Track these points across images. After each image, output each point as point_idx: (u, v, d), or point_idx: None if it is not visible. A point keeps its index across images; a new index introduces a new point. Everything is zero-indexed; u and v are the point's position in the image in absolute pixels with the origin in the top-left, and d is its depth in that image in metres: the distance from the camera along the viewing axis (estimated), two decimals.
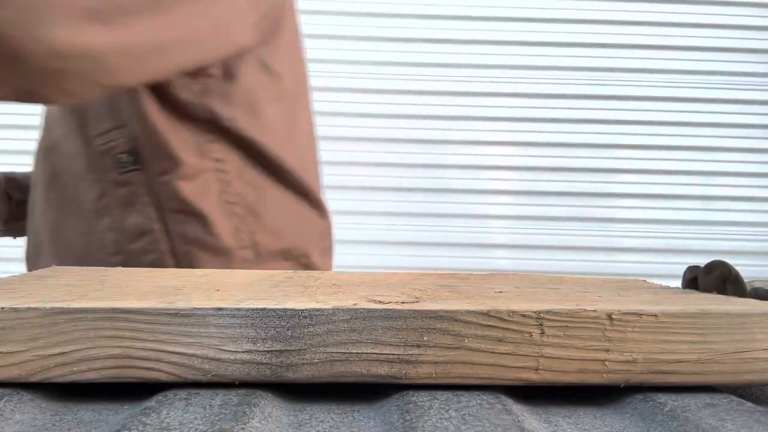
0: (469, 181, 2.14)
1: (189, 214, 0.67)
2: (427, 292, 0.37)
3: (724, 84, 2.15)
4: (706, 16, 2.15)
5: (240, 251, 0.69)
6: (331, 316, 0.30)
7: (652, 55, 2.15)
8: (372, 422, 0.28)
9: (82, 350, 0.29)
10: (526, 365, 0.30)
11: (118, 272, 0.48)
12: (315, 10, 2.05)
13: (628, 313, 0.30)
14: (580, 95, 2.15)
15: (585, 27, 2.15)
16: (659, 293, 0.40)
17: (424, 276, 0.49)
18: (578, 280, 0.49)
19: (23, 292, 0.35)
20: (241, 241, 0.69)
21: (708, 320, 0.31)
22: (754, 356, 0.31)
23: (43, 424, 0.27)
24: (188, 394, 0.29)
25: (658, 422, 0.28)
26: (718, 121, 2.15)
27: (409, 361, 0.30)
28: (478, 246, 2.14)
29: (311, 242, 0.77)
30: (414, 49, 2.12)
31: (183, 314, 0.29)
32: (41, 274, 0.46)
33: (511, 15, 2.15)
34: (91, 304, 0.30)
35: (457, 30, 2.13)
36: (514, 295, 0.36)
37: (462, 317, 0.30)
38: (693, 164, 2.15)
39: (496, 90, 2.15)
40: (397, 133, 2.12)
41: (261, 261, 0.71)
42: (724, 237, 2.15)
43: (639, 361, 0.31)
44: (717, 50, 2.16)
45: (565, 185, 2.14)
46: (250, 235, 0.69)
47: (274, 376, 0.29)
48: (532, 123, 2.15)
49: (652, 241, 2.14)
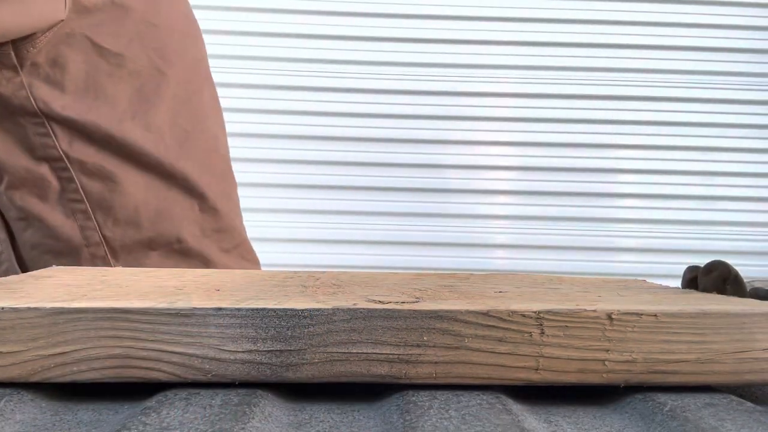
0: (468, 181, 2.14)
1: (27, 219, 0.66)
2: (427, 292, 0.37)
3: (723, 84, 2.15)
4: (706, 16, 2.15)
5: (89, 248, 0.67)
6: (331, 316, 0.30)
7: (652, 55, 2.15)
8: (372, 422, 0.28)
9: (82, 350, 0.29)
10: (525, 365, 0.30)
11: (118, 272, 0.48)
12: (315, 10, 2.05)
13: (627, 313, 0.30)
14: (580, 95, 2.15)
15: (585, 27, 2.15)
16: (659, 293, 0.40)
17: (424, 276, 0.49)
18: (578, 280, 0.49)
19: (23, 292, 0.35)
20: (88, 238, 0.67)
21: (707, 320, 0.31)
22: (753, 356, 0.31)
23: (43, 424, 0.27)
24: (188, 394, 0.29)
25: (658, 422, 0.28)
26: (718, 121, 2.15)
27: (409, 361, 0.30)
28: (478, 246, 2.14)
29: (187, 226, 0.73)
30: (413, 49, 2.12)
31: (183, 314, 0.29)
32: (41, 274, 0.46)
33: (511, 15, 2.15)
34: (91, 304, 0.30)
35: (457, 30, 2.13)
36: (514, 295, 0.36)
37: (462, 317, 0.30)
38: (693, 164, 2.15)
39: (496, 90, 2.15)
40: (396, 133, 2.12)
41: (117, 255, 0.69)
42: (724, 237, 2.15)
43: (639, 361, 0.31)
44: (716, 50, 2.16)
45: (564, 185, 2.14)
46: (99, 231, 0.67)
47: (274, 376, 0.29)
48: (532, 123, 2.15)
49: (652, 241, 2.14)
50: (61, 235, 0.66)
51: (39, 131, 0.64)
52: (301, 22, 2.03)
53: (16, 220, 0.67)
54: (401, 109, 2.12)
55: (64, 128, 0.64)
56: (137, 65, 0.69)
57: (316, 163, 2.06)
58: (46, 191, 0.65)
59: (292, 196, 2.04)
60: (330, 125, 2.06)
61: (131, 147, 0.68)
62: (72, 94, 0.64)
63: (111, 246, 0.68)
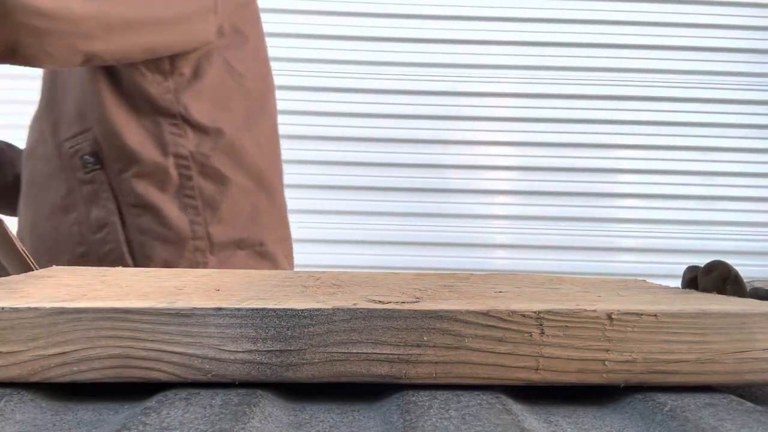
0: (468, 181, 2.14)
1: (144, 207, 0.73)
2: (427, 292, 0.37)
3: (723, 84, 2.15)
4: (706, 16, 2.15)
5: (193, 241, 0.75)
6: (331, 316, 0.30)
7: (652, 55, 2.15)
8: (372, 422, 0.28)
9: (82, 350, 0.29)
10: (525, 365, 0.30)
11: (118, 272, 0.48)
12: (315, 11, 2.05)
13: (627, 313, 0.30)
14: (580, 95, 2.15)
15: (585, 27, 2.15)
16: (659, 293, 0.40)
17: (424, 276, 0.49)
18: (578, 280, 0.49)
19: (23, 292, 0.35)
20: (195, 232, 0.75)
21: (707, 320, 0.31)
22: (753, 356, 0.31)
23: (43, 424, 0.27)
24: (188, 394, 0.29)
25: (658, 422, 0.28)
26: (718, 121, 2.15)
27: (409, 361, 0.30)
28: (478, 246, 2.14)
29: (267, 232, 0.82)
30: (413, 49, 2.12)
31: (183, 314, 0.29)
32: (41, 274, 0.46)
33: (511, 15, 2.15)
34: (91, 304, 0.30)
35: (457, 30, 2.13)
36: (514, 295, 0.36)
37: (462, 317, 0.30)
38: (693, 164, 2.15)
39: (496, 90, 2.15)
40: (397, 133, 2.12)
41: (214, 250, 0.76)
42: (724, 237, 2.15)
43: (639, 361, 0.31)
44: (716, 50, 2.16)
45: (564, 185, 2.14)
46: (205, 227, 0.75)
47: (274, 376, 0.29)
48: (532, 123, 2.15)
49: (652, 241, 2.14)
50: (172, 226, 0.74)
51: (174, 131, 0.73)
52: (301, 22, 2.04)
53: (130, 206, 0.74)
54: (401, 109, 2.12)
55: (195, 131, 0.74)
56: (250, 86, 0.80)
57: (316, 163, 2.06)
58: (166, 185, 0.74)
59: (293, 196, 2.03)
60: (330, 125, 2.06)
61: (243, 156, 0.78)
62: (207, 102, 0.75)
63: (212, 241, 0.76)
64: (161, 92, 0.72)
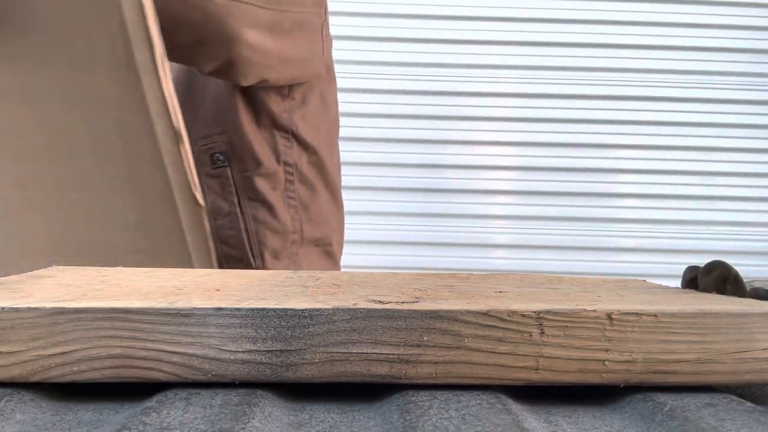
0: (468, 181, 2.14)
1: (260, 202, 0.88)
2: (427, 292, 0.37)
3: (723, 84, 2.15)
4: (706, 16, 2.15)
5: (292, 234, 0.91)
6: (331, 316, 0.30)
7: (652, 55, 2.15)
8: (372, 422, 0.28)
9: (82, 350, 0.29)
10: (525, 365, 0.30)
11: (118, 272, 0.48)
12: None
13: (627, 313, 0.30)
14: (580, 95, 2.15)
15: (585, 27, 2.15)
16: (659, 293, 0.40)
17: (424, 276, 0.49)
18: (578, 280, 0.49)
19: (23, 292, 0.35)
20: (294, 227, 0.91)
21: (707, 320, 0.31)
22: (753, 356, 0.31)
23: (43, 424, 0.27)
24: (188, 394, 0.29)
25: (658, 422, 0.28)
26: (718, 121, 2.15)
27: (409, 361, 0.30)
28: (478, 246, 2.14)
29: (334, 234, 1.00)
30: (414, 49, 2.12)
31: (183, 314, 0.29)
32: (41, 274, 0.46)
33: (511, 15, 2.15)
34: (91, 304, 0.30)
35: (457, 30, 2.13)
36: (514, 295, 0.36)
37: (462, 317, 0.30)
38: (693, 164, 2.15)
39: (496, 90, 2.15)
40: (397, 133, 2.12)
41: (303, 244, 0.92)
42: (724, 237, 2.15)
43: (638, 361, 0.31)
44: (716, 50, 2.16)
45: (564, 185, 2.15)
46: (300, 224, 0.91)
47: (275, 376, 0.29)
48: (532, 123, 2.15)
49: (652, 241, 2.14)
50: (281, 219, 0.89)
51: (285, 144, 0.89)
52: None
53: (249, 200, 0.88)
54: (401, 109, 2.12)
55: (300, 146, 0.90)
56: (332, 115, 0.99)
57: None
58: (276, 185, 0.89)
59: None
60: None
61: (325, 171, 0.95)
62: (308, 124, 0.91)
63: (303, 236, 0.92)
64: (280, 111, 0.88)
